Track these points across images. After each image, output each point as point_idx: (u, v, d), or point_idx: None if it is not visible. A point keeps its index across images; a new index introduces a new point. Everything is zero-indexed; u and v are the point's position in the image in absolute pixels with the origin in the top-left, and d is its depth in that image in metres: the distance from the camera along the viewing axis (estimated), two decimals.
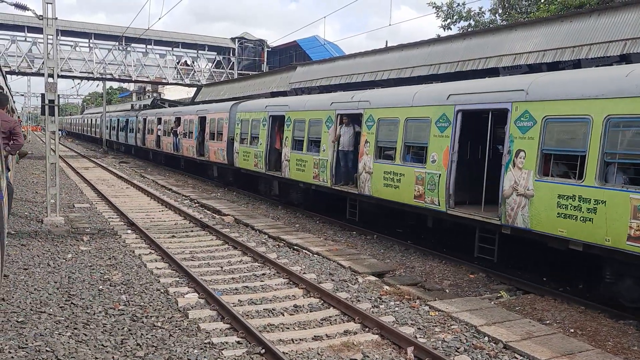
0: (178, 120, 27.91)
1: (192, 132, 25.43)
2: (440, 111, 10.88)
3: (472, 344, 6.68)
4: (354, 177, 13.62)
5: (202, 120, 24.30)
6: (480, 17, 26.86)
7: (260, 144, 18.05)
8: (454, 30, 27.45)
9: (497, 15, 26.75)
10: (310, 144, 15.30)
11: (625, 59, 10.94)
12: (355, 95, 14.12)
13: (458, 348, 6.56)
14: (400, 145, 11.91)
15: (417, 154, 11.67)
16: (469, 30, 25.06)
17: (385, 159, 12.53)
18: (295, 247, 11.87)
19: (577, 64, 11.98)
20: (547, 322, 7.72)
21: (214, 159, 22.75)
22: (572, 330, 7.41)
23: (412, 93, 12.06)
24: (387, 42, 27.59)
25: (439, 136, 10.86)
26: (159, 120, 31.68)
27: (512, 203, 9.20)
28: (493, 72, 13.65)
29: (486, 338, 6.87)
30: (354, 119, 13.93)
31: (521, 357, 6.32)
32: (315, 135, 15.12)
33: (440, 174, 10.75)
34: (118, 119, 45.30)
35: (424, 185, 11.13)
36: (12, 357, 5.92)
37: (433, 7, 26.47)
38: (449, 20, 26.64)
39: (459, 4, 26.34)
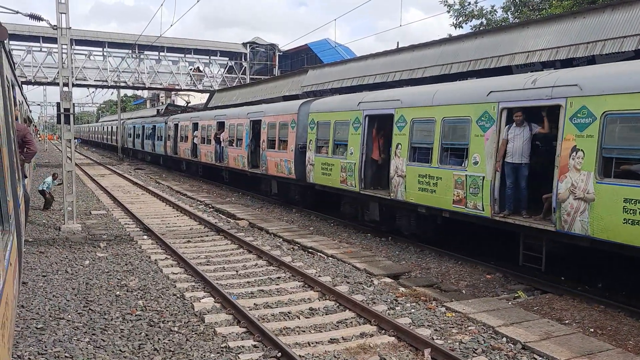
0: (221, 125, 24.12)
1: (240, 139, 21.55)
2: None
3: (490, 345, 6.62)
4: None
5: (256, 124, 20.41)
6: (492, 15, 26.70)
7: (351, 154, 13.99)
8: (466, 29, 27.35)
9: (509, 13, 26.57)
10: (444, 153, 11.20)
11: None
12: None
13: (476, 349, 6.50)
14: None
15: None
16: (480, 28, 24.92)
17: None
18: (310, 250, 11.87)
19: (591, 60, 11.83)
20: (566, 321, 7.61)
21: (274, 171, 18.51)
22: (591, 330, 7.30)
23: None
24: (398, 43, 27.57)
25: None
26: (195, 125, 27.79)
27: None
28: (506, 71, 13.54)
29: (504, 339, 6.80)
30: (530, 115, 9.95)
31: (540, 358, 6.25)
32: (457, 141, 10.99)
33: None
34: (143, 126, 41.23)
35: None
36: None
37: (445, 5, 26.36)
38: (460, 19, 26.51)
39: (470, 2, 26.22)
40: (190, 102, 41.16)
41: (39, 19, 15.26)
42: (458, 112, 10.88)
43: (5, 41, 4.80)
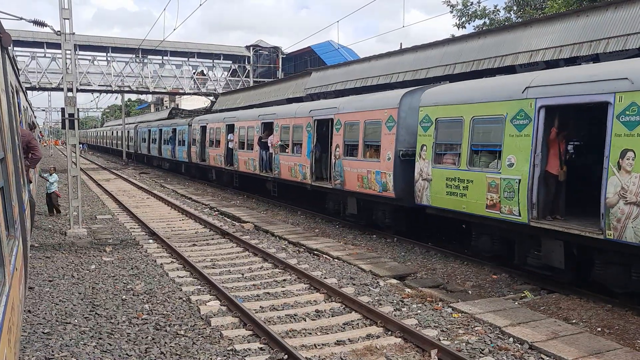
0: (267, 126, 19.88)
1: (299, 144, 17.23)
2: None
3: (497, 345, 6.60)
4: None
5: (321, 124, 16.19)
6: (495, 15, 26.69)
7: (511, 166, 9.59)
8: (469, 29, 27.32)
9: (511, 12, 26.55)
10: None
11: None
12: None
13: (483, 350, 6.48)
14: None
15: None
16: (483, 28, 24.89)
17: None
18: (315, 252, 11.86)
19: (595, 59, 11.79)
20: (573, 321, 7.58)
21: (355, 186, 14.07)
22: (599, 329, 7.26)
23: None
24: (401, 44, 27.55)
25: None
26: (230, 128, 23.54)
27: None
28: (509, 70, 13.51)
29: (511, 339, 6.77)
30: None
31: (547, 358, 6.22)
32: None
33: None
34: (160, 129, 36.56)
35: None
36: None
37: (448, 5, 26.36)
38: (463, 19, 26.51)
39: (473, 2, 26.21)
40: (213, 107, 38.95)
41: (42, 24, 15.32)
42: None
43: (9, 47, 4.82)
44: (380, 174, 13.10)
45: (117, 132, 57.51)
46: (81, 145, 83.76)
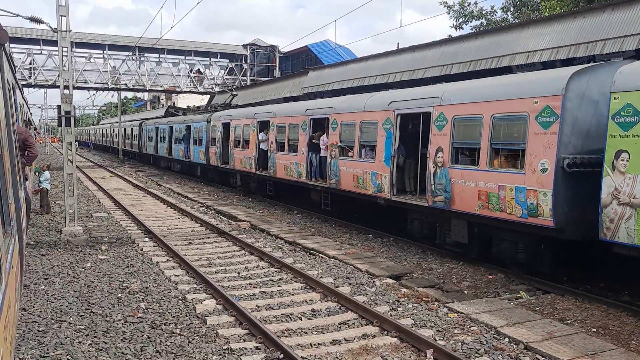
0: (319, 123, 16.22)
1: (372, 146, 13.41)
2: None
3: (493, 345, 6.61)
4: None
5: (409, 120, 12.96)
6: (492, 16, 26.74)
7: None
8: (466, 30, 27.38)
9: (509, 13, 26.60)
10: None
11: None
12: None
13: (478, 350, 6.49)
14: None
15: None
16: (481, 29, 24.93)
17: None
18: (311, 251, 11.87)
19: (591, 60, 11.83)
20: (569, 321, 7.61)
21: (475, 207, 10.25)
22: (594, 330, 7.29)
23: None
24: (398, 44, 27.56)
25: None
26: (263, 125, 19.68)
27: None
28: (506, 71, 13.54)
29: (507, 339, 6.79)
30: None
31: (543, 358, 6.24)
32: None
33: None
34: (170, 127, 32.30)
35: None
36: None
37: (445, 6, 26.40)
38: (460, 20, 26.55)
39: (470, 3, 26.25)
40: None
41: (39, 21, 15.30)
42: None
43: (5, 44, 4.80)
44: (526, 191, 9.20)
45: (114, 130, 56.20)
46: (87, 143, 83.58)
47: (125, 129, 48.99)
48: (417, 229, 12.44)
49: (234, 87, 35.71)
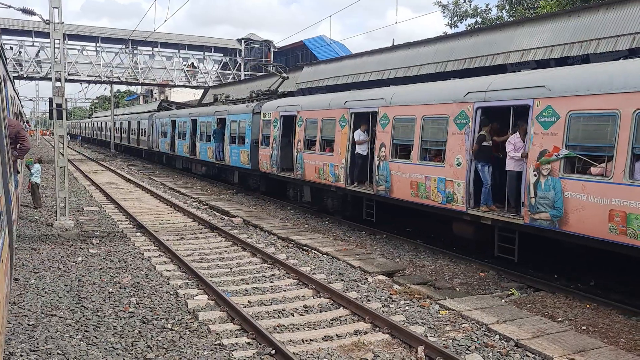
0: (361, 118, 13.66)
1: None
2: None
3: (483, 342, 6.64)
4: None
5: (361, 117, 12.66)
6: (487, 14, 26.78)
7: None
8: (461, 28, 27.40)
9: (503, 11, 26.65)
10: None
11: (634, 53, 10.83)
12: None
13: (469, 347, 6.52)
14: None
15: None
16: (475, 27, 24.96)
17: None
18: (304, 247, 11.86)
19: (585, 59, 11.88)
20: (559, 319, 7.65)
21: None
22: (584, 328, 7.34)
23: None
24: (393, 40, 27.54)
25: None
26: (360, 118, 13.73)
27: None
28: (501, 69, 13.57)
29: (497, 336, 6.82)
30: None
31: (533, 355, 6.27)
32: None
33: None
34: (194, 120, 26.30)
35: None
36: None
37: (439, 5, 26.41)
38: (455, 19, 26.58)
39: (465, 0, 26.29)
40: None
41: (31, 13, 15.15)
42: None
43: None
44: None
45: (107, 123, 54.64)
46: (75, 137, 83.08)
47: (123, 122, 44.70)
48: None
49: (282, 68, 25.90)
